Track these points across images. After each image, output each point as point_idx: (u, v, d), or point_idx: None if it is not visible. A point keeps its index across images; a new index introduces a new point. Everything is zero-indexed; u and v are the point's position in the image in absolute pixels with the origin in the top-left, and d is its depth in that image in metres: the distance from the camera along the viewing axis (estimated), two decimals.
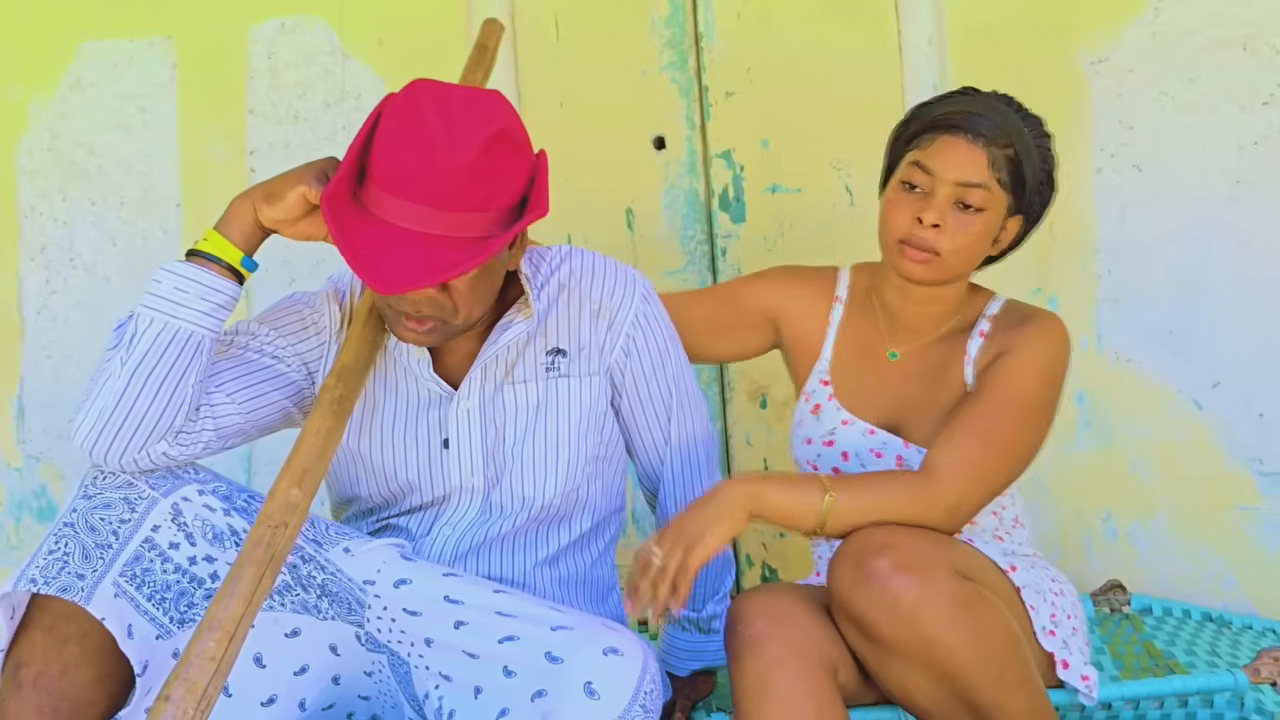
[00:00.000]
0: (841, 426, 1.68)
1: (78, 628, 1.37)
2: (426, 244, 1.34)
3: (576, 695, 1.26)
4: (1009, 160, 1.59)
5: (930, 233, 1.58)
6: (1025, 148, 1.60)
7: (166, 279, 1.40)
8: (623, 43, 2.34)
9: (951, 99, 1.65)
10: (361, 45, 2.37)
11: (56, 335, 2.41)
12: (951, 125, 1.60)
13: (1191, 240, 2.15)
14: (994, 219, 1.60)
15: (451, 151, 1.33)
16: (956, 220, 1.58)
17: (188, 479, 1.44)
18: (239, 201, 1.44)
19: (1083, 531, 2.22)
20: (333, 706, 1.49)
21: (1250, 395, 2.13)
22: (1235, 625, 1.98)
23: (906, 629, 1.35)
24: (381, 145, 1.37)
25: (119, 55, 2.40)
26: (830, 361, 1.74)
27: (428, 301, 1.40)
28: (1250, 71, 2.12)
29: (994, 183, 1.58)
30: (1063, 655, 1.50)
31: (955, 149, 1.58)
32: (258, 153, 2.38)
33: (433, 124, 1.34)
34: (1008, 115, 1.60)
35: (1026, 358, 1.57)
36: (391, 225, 1.35)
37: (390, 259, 1.33)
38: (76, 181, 2.41)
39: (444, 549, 1.56)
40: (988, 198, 1.58)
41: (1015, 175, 1.60)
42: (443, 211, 1.34)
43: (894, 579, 1.35)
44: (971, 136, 1.58)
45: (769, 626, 1.41)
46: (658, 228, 2.35)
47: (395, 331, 1.46)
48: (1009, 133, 1.58)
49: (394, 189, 1.35)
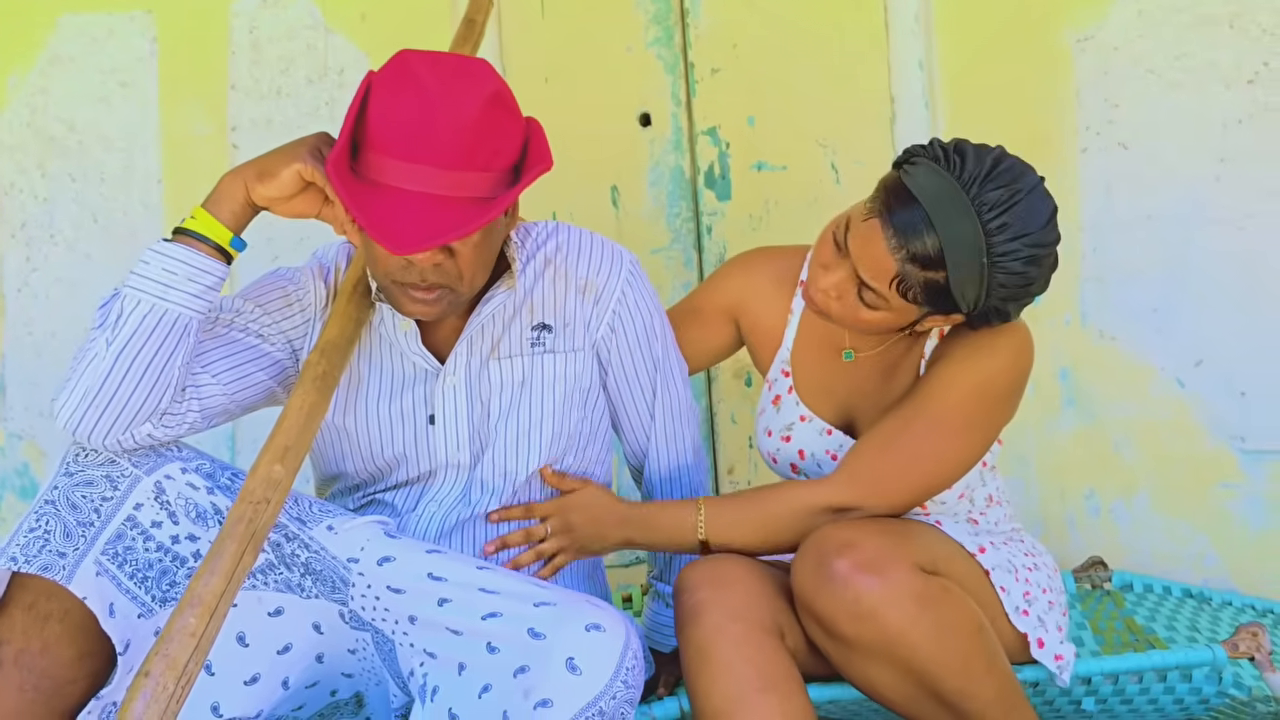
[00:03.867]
0: (799, 423, 1.67)
1: (59, 606, 1.37)
2: (435, 205, 1.33)
3: (558, 671, 1.26)
4: (928, 285, 1.42)
5: (822, 297, 1.50)
6: (965, 274, 1.40)
7: (154, 259, 1.38)
8: (608, 18, 2.33)
9: (920, 163, 1.44)
10: (344, 20, 2.35)
11: (38, 312, 2.39)
12: (888, 212, 1.42)
13: (1176, 218, 2.15)
14: (898, 320, 1.49)
15: (453, 110, 1.33)
16: (852, 301, 1.48)
17: (171, 457, 1.43)
18: (229, 179, 1.41)
19: (1065, 508, 2.23)
20: (316, 684, 1.49)
21: (1233, 373, 2.14)
22: (1215, 601, 2.00)
23: (869, 627, 1.36)
24: (378, 111, 1.36)
25: (99, 29, 2.37)
26: (792, 350, 1.70)
27: (434, 269, 1.39)
28: (1236, 49, 2.12)
29: (896, 299, 1.44)
30: (1037, 634, 1.51)
31: (871, 243, 1.42)
32: (240, 128, 2.36)
33: (430, 86, 1.34)
34: (962, 232, 1.38)
35: (959, 369, 1.50)
36: (397, 189, 1.34)
37: (403, 221, 1.32)
38: (56, 157, 2.38)
39: (429, 525, 1.56)
40: (884, 303, 1.45)
41: (936, 299, 1.44)
42: (448, 171, 1.34)
43: (855, 578, 1.35)
44: (895, 243, 1.40)
45: (710, 594, 1.41)
46: (643, 205, 2.34)
47: (401, 307, 1.45)
48: (946, 261, 1.39)
49: (397, 152, 1.34)
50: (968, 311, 1.47)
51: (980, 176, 1.41)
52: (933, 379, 1.52)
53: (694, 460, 1.70)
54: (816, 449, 1.65)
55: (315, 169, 1.39)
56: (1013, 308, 1.48)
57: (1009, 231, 1.40)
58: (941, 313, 1.48)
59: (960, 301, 1.44)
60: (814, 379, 1.68)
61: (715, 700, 1.37)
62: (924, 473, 1.50)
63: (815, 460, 1.65)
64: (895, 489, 1.49)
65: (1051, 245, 1.46)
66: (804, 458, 1.66)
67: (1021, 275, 1.43)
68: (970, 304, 1.45)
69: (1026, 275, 1.43)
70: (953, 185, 1.41)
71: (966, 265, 1.40)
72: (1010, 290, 1.44)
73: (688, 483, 1.69)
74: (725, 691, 1.36)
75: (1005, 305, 1.47)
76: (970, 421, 1.50)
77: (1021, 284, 1.44)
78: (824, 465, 1.64)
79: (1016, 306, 1.49)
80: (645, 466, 1.68)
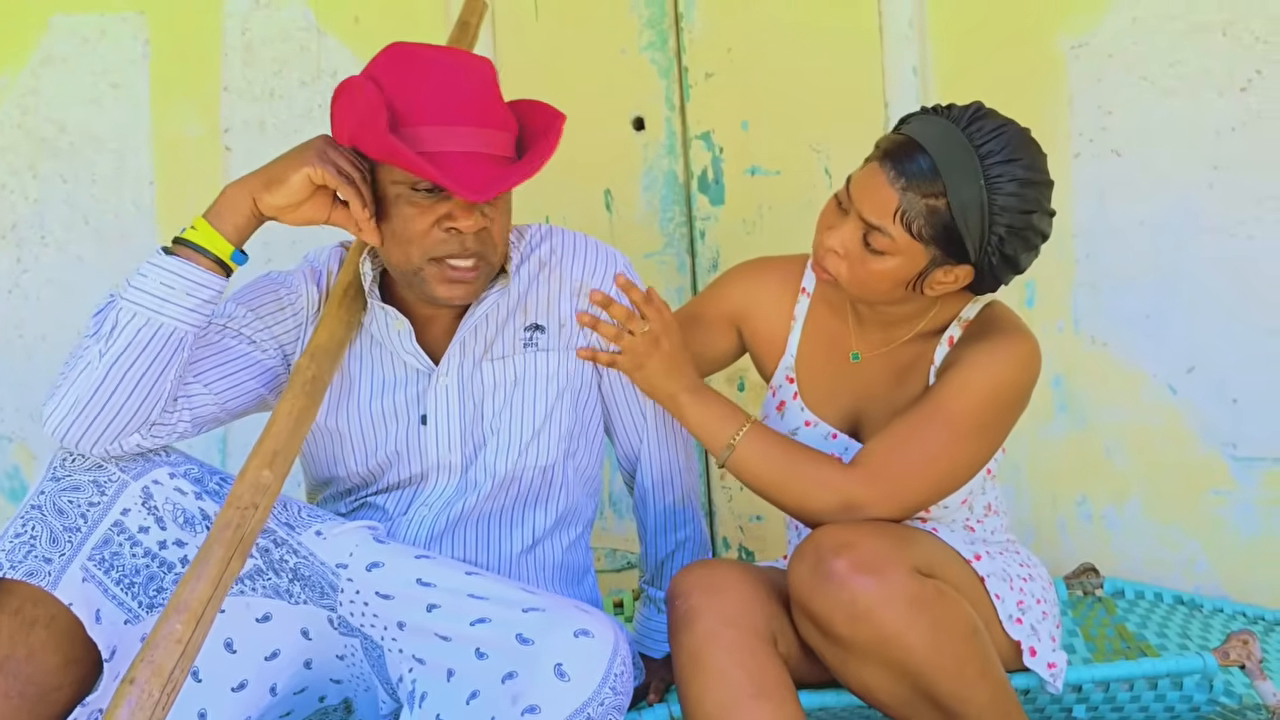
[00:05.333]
0: (804, 428, 1.66)
1: (45, 611, 1.36)
2: (482, 161, 1.40)
3: (546, 677, 1.26)
4: (930, 213, 1.44)
5: (831, 257, 1.52)
6: (966, 198, 1.43)
7: (152, 272, 1.36)
8: (602, 22, 2.32)
9: (912, 119, 1.52)
10: (337, 22, 2.35)
11: (28, 314, 2.38)
12: (883, 153, 1.48)
13: (1169, 225, 2.15)
14: (906, 266, 1.48)
15: (471, 74, 1.42)
16: (859, 254, 1.49)
17: (159, 462, 1.42)
18: (234, 190, 1.40)
19: (1056, 514, 2.23)
20: (304, 690, 1.49)
21: (1224, 380, 2.14)
22: (1206, 609, 2.00)
23: (864, 628, 1.35)
24: (399, 89, 1.39)
25: (91, 30, 2.36)
26: (796, 357, 1.69)
27: (475, 237, 1.43)
28: (1229, 57, 2.12)
29: (901, 233, 1.45)
30: (1030, 643, 1.51)
31: (871, 179, 1.47)
32: (232, 130, 2.35)
33: (440, 58, 1.42)
34: (957, 155, 1.44)
35: (974, 374, 1.50)
36: (442, 152, 1.37)
37: (468, 174, 1.37)
38: (48, 158, 2.37)
39: (420, 528, 1.56)
40: (892, 245, 1.46)
41: (941, 231, 1.45)
42: (484, 129, 1.41)
43: (851, 579, 1.35)
44: (893, 174, 1.45)
45: (703, 599, 1.41)
46: (636, 209, 2.34)
47: (436, 289, 1.45)
48: (940, 179, 1.43)
49: (433, 118, 1.38)
50: (975, 258, 1.47)
51: (969, 115, 1.48)
52: (949, 383, 1.51)
53: (686, 463, 1.70)
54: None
55: (325, 171, 1.38)
56: (1021, 254, 1.49)
57: (1001, 154, 1.45)
58: (950, 257, 1.48)
59: (965, 236, 1.45)
60: (819, 384, 1.68)
61: (708, 706, 1.37)
62: (940, 474, 1.50)
63: None
64: (912, 488, 1.49)
65: (1045, 175, 1.48)
66: None
67: (1019, 198, 1.45)
68: (975, 241, 1.46)
69: (1025, 199, 1.45)
70: (945, 124, 1.48)
71: (965, 188, 1.43)
72: (1012, 220, 1.45)
73: (680, 485, 1.69)
74: (718, 698, 1.36)
75: (1013, 249, 1.47)
76: (985, 425, 1.51)
77: (1022, 209, 1.45)
78: None
79: (1025, 252, 1.49)
80: (638, 469, 1.68)
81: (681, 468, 1.69)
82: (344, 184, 1.39)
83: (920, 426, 1.49)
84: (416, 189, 1.40)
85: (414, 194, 1.41)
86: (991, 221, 1.45)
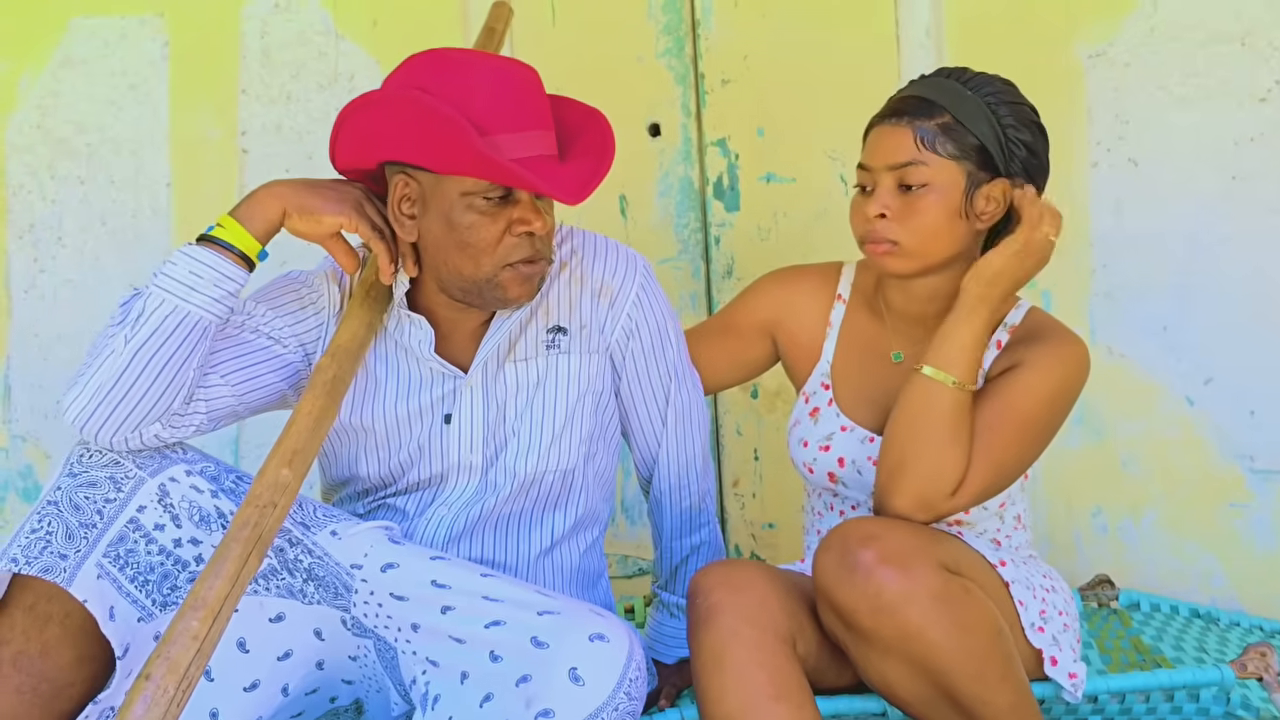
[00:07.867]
0: (840, 433, 1.66)
1: (59, 608, 1.36)
2: (552, 163, 1.43)
3: (561, 681, 1.26)
4: (944, 129, 1.54)
5: (880, 224, 1.55)
6: (967, 110, 1.54)
7: (182, 261, 1.39)
8: (619, 28, 2.33)
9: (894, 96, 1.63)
10: (355, 26, 2.35)
11: (45, 314, 2.39)
12: (878, 118, 1.59)
13: (1186, 236, 2.14)
14: (948, 192, 1.54)
15: (525, 77, 1.43)
16: (902, 204, 1.54)
17: (175, 459, 1.42)
18: (266, 196, 1.43)
19: (1072, 526, 2.22)
20: (316, 691, 1.49)
21: (1242, 392, 2.13)
22: (1223, 622, 1.98)
23: (888, 622, 1.34)
24: (463, 99, 1.38)
25: (110, 32, 2.37)
26: (832, 363, 1.70)
27: (544, 239, 1.46)
28: (1248, 67, 2.11)
29: (930, 155, 1.53)
30: (1051, 651, 1.50)
31: (881, 136, 1.57)
32: (249, 133, 2.36)
33: (493, 64, 1.42)
34: (940, 85, 1.57)
35: (1038, 375, 1.53)
36: (528, 158, 1.39)
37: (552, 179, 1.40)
38: (65, 159, 2.38)
39: (440, 528, 1.55)
40: (927, 172, 1.53)
41: (960, 141, 1.54)
42: (547, 131, 1.44)
43: (878, 571, 1.34)
44: (894, 119, 1.56)
45: (725, 597, 1.40)
46: (651, 215, 2.34)
47: (506, 294, 1.46)
48: (937, 103, 1.54)
49: (510, 124, 1.40)
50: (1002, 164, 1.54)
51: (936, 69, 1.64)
52: (1015, 383, 1.53)
53: (702, 467, 1.70)
54: (858, 456, 1.64)
55: (359, 223, 1.44)
56: (1038, 142, 1.58)
57: (975, 77, 1.58)
58: (982, 169, 1.54)
59: (984, 140, 1.53)
60: (856, 388, 1.68)
61: (728, 705, 1.36)
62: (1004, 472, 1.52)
63: (855, 467, 1.64)
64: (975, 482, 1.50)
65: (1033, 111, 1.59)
66: (843, 465, 1.66)
67: (1008, 92, 1.57)
68: (994, 143, 1.54)
69: (1012, 93, 1.57)
70: (921, 78, 1.62)
71: (962, 104, 1.54)
72: (1013, 112, 1.55)
73: (696, 489, 1.69)
74: (739, 698, 1.35)
75: (1030, 136, 1.56)
76: (1047, 425, 1.55)
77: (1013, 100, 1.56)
78: (864, 471, 1.63)
79: (1038, 138, 1.58)
80: (654, 472, 1.68)
81: (698, 471, 1.69)
82: (376, 238, 1.46)
83: (993, 425, 1.50)
84: (488, 198, 1.41)
85: (484, 203, 1.41)
86: (998, 118, 1.55)
